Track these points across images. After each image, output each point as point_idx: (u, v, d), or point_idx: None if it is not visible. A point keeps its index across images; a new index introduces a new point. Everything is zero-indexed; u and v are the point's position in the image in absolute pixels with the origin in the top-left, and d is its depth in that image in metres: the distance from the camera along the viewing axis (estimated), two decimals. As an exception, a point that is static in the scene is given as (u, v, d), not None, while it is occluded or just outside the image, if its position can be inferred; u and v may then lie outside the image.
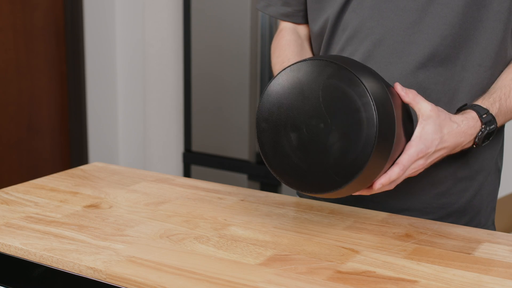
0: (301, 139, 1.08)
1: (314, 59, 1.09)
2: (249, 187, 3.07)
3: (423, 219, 1.24)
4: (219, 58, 3.08)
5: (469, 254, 1.09)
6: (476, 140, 1.18)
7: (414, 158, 1.11)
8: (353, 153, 1.04)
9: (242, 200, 1.33)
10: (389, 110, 1.07)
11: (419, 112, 1.13)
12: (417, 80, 1.24)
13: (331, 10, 1.31)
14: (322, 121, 1.06)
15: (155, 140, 3.47)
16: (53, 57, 3.43)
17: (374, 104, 1.03)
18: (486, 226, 1.37)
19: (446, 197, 1.31)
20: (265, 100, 1.12)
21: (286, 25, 1.45)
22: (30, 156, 3.39)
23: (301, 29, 1.45)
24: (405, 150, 1.11)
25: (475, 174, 1.32)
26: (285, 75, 1.10)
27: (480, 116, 1.18)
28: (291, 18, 1.43)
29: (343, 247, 1.10)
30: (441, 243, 1.13)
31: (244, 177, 3.09)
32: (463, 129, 1.16)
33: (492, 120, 1.18)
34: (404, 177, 1.13)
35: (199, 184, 1.43)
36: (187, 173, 3.29)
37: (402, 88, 1.13)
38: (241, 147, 3.08)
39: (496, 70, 1.26)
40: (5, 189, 1.37)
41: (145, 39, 3.40)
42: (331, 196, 1.09)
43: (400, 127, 1.09)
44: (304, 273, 1.00)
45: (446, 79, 1.24)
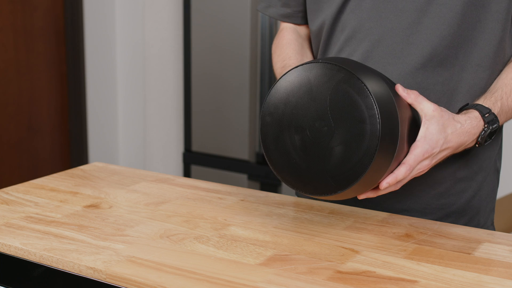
0: (303, 139, 1.08)
1: (327, 62, 1.08)
2: (249, 187, 3.07)
3: (423, 219, 1.24)
4: (219, 58, 3.08)
5: (469, 254, 1.09)
6: (479, 139, 1.18)
7: (420, 159, 1.11)
8: (351, 162, 1.04)
9: (242, 200, 1.33)
10: (394, 123, 1.06)
11: (421, 112, 1.13)
12: (416, 81, 1.24)
13: (329, 10, 1.31)
14: (326, 125, 1.06)
15: (155, 140, 3.47)
16: (53, 57, 3.43)
17: (379, 118, 1.03)
18: (486, 227, 1.37)
19: (445, 198, 1.31)
20: (273, 95, 1.11)
21: (286, 25, 1.45)
22: (30, 156, 3.39)
23: (302, 30, 1.45)
24: (411, 150, 1.11)
25: (474, 174, 1.32)
26: (296, 73, 1.10)
27: (483, 116, 1.18)
28: (291, 19, 1.44)
29: (343, 247, 1.10)
30: (441, 243, 1.13)
31: (244, 177, 3.09)
32: (467, 129, 1.16)
33: (495, 119, 1.18)
34: (410, 178, 1.13)
35: (199, 184, 1.43)
36: (187, 173, 3.29)
37: (403, 89, 1.13)
38: (241, 147, 3.08)
39: (494, 70, 1.27)
40: (5, 189, 1.37)
41: (145, 39, 3.40)
42: (327, 198, 1.10)
43: (404, 138, 1.09)
44: (304, 273, 1.00)
45: (445, 79, 1.24)
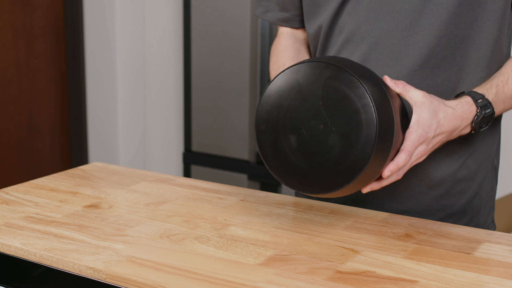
0: (300, 140, 1.08)
1: (313, 60, 1.09)
2: (249, 187, 3.08)
3: (423, 219, 1.24)
4: (219, 58, 3.08)
5: (469, 254, 1.09)
6: (473, 124, 1.18)
7: (416, 143, 1.12)
8: (353, 154, 1.04)
9: (242, 200, 1.33)
10: (388, 110, 1.07)
11: (411, 101, 1.14)
12: (414, 82, 1.24)
13: (326, 13, 1.31)
14: (321, 122, 1.07)
15: (155, 140, 3.47)
16: (53, 57, 3.43)
17: (373, 105, 1.04)
18: (486, 225, 1.37)
19: (446, 199, 1.31)
20: (264, 102, 1.12)
21: (284, 30, 1.46)
22: (30, 156, 3.39)
23: (300, 33, 1.45)
24: (406, 137, 1.12)
25: (473, 174, 1.32)
26: (284, 77, 1.10)
27: (475, 101, 1.18)
28: (289, 23, 1.44)
29: (343, 247, 1.10)
30: (441, 243, 1.13)
31: (244, 177, 3.09)
32: (459, 113, 1.16)
33: (488, 104, 1.18)
34: (410, 165, 1.14)
35: (199, 184, 1.43)
36: (187, 173, 3.29)
37: (391, 80, 1.14)
38: (241, 147, 3.08)
39: (492, 69, 1.27)
40: (5, 189, 1.37)
41: (145, 39, 3.40)
42: (332, 195, 1.10)
43: (399, 125, 1.10)
44: (304, 273, 1.00)
45: (443, 80, 1.24)
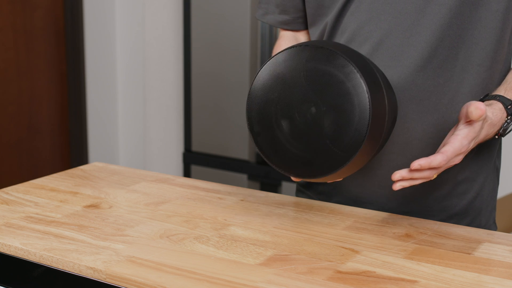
0: (296, 128, 1.08)
1: (288, 48, 1.09)
2: (249, 187, 3.07)
3: (423, 219, 1.24)
4: (219, 57, 3.08)
5: (469, 254, 1.09)
6: (501, 131, 1.18)
7: (457, 152, 1.10)
8: (352, 124, 1.04)
9: (242, 200, 1.33)
10: (373, 74, 1.06)
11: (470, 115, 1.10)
12: (416, 83, 1.23)
13: (330, 15, 1.30)
14: (312, 104, 1.07)
15: (155, 140, 3.47)
16: (53, 57, 3.43)
17: (357, 71, 1.04)
18: (488, 226, 1.37)
19: (447, 200, 1.31)
20: (252, 102, 1.12)
21: (284, 33, 1.44)
22: (30, 156, 3.39)
23: (301, 36, 1.44)
24: (450, 142, 1.10)
25: (475, 175, 1.31)
26: (264, 72, 1.11)
27: (506, 107, 1.18)
28: (290, 25, 1.42)
29: (343, 247, 1.10)
30: (441, 243, 1.13)
31: (244, 177, 3.09)
32: (494, 122, 1.16)
33: None
34: (444, 168, 1.12)
35: (199, 184, 1.43)
36: (187, 173, 3.29)
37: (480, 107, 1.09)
38: (241, 147, 3.08)
39: (495, 70, 1.26)
40: (5, 189, 1.37)
41: (145, 39, 3.40)
42: (344, 174, 1.09)
43: (388, 89, 1.09)
44: (304, 273, 1.00)
45: (446, 80, 1.24)
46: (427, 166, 1.08)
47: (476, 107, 1.07)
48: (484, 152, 1.32)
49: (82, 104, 3.49)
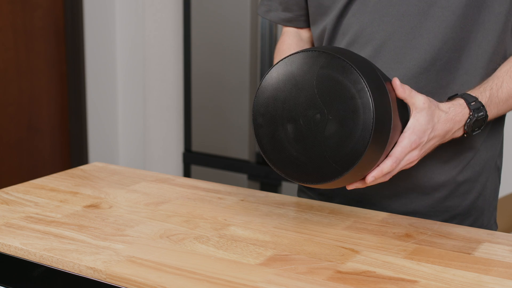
0: (298, 131, 1.08)
1: (306, 50, 1.09)
2: (249, 187, 3.07)
3: (423, 219, 1.24)
4: (219, 58, 3.08)
5: (469, 254, 1.09)
6: (466, 127, 1.18)
7: (407, 150, 1.11)
8: (351, 141, 1.04)
9: (242, 200, 1.33)
10: (384, 95, 1.06)
11: (413, 106, 1.13)
12: (419, 85, 1.23)
13: (331, 14, 1.30)
14: (318, 112, 1.07)
15: (155, 140, 3.47)
16: (53, 57, 3.43)
17: (369, 90, 1.03)
18: (489, 226, 1.37)
19: (450, 200, 1.31)
20: (260, 95, 1.12)
21: (288, 30, 1.44)
22: (30, 156, 3.39)
23: (304, 33, 1.44)
24: (398, 142, 1.11)
25: (477, 175, 1.31)
26: (278, 69, 1.11)
27: (468, 104, 1.17)
28: (293, 23, 1.42)
29: (343, 247, 1.10)
30: (441, 243, 1.13)
31: (244, 177, 3.09)
32: (451, 116, 1.16)
33: (481, 107, 1.17)
34: (398, 169, 1.13)
35: (199, 184, 1.43)
36: (187, 173, 3.29)
37: (400, 84, 1.12)
38: (241, 147, 3.08)
39: (492, 71, 1.26)
40: (5, 189, 1.37)
41: (145, 39, 3.40)
42: (333, 185, 1.09)
43: (396, 112, 1.09)
44: (304, 273, 1.00)
45: (448, 83, 1.24)
46: (380, 175, 1.10)
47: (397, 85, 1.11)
48: (486, 152, 1.32)
49: (82, 104, 3.48)
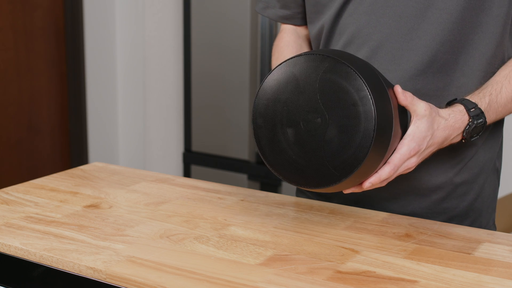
0: (298, 134, 1.08)
1: (310, 53, 1.08)
2: (249, 187, 3.07)
3: (423, 219, 1.24)
4: (219, 58, 3.08)
5: (469, 254, 1.09)
6: (464, 134, 1.17)
7: (406, 157, 1.11)
8: (351, 147, 1.04)
9: (242, 200, 1.33)
10: (387, 102, 1.06)
11: (414, 113, 1.12)
12: (415, 87, 1.23)
13: (328, 14, 1.30)
14: (319, 116, 1.06)
15: (155, 140, 3.47)
16: (53, 57, 3.43)
17: (372, 97, 1.03)
18: (487, 227, 1.36)
19: (447, 202, 1.31)
20: (261, 96, 1.11)
21: (286, 27, 1.45)
22: (30, 156, 3.39)
23: (301, 30, 1.44)
24: (397, 149, 1.11)
25: (475, 177, 1.31)
26: (280, 70, 1.10)
27: (468, 110, 1.16)
28: (290, 20, 1.42)
29: (343, 247, 1.10)
30: (441, 243, 1.13)
31: (244, 177, 3.09)
32: (450, 123, 1.15)
33: (480, 114, 1.17)
34: (396, 175, 1.12)
35: (199, 184, 1.43)
36: (187, 173, 3.29)
37: (402, 91, 1.12)
38: (241, 147, 3.08)
39: (491, 74, 1.26)
40: (5, 189, 1.37)
41: (145, 39, 3.40)
42: (331, 190, 1.09)
43: (397, 119, 1.09)
44: (304, 273, 1.00)
45: (445, 85, 1.24)
46: (378, 181, 1.10)
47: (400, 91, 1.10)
48: (484, 154, 1.31)
49: (82, 104, 3.48)
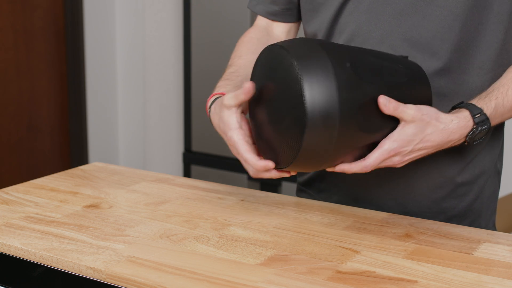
0: (270, 114, 1.13)
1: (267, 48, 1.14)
2: (249, 187, 3.07)
3: (423, 219, 1.24)
4: (219, 58, 3.08)
5: (469, 254, 1.09)
6: (467, 139, 1.16)
7: (384, 156, 1.10)
8: (296, 129, 1.06)
9: (242, 200, 1.33)
10: (344, 91, 1.05)
11: (401, 120, 1.10)
12: None
13: (327, 13, 1.29)
14: (278, 97, 1.10)
15: (155, 140, 3.47)
16: (53, 57, 3.43)
17: (303, 85, 1.04)
18: (487, 229, 1.36)
19: (446, 202, 1.31)
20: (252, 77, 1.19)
21: (258, 23, 1.44)
22: (30, 156, 3.39)
23: (277, 29, 1.43)
24: (378, 147, 1.10)
25: (475, 178, 1.31)
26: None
27: (473, 116, 1.15)
28: (278, 17, 1.41)
29: (343, 247, 1.10)
30: (441, 243, 1.13)
31: (244, 177, 3.09)
32: (452, 129, 1.13)
33: (485, 120, 1.16)
34: (373, 168, 1.12)
35: (199, 184, 1.43)
36: (187, 173, 3.29)
37: (384, 102, 1.08)
38: (241, 147, 3.08)
39: (497, 73, 1.25)
40: (5, 189, 1.37)
41: (145, 39, 3.40)
42: (306, 167, 1.12)
43: (367, 110, 1.08)
44: (304, 273, 1.00)
45: (447, 82, 1.24)
46: (348, 171, 1.11)
47: (384, 102, 1.09)
48: (485, 155, 1.31)
49: (82, 104, 3.49)
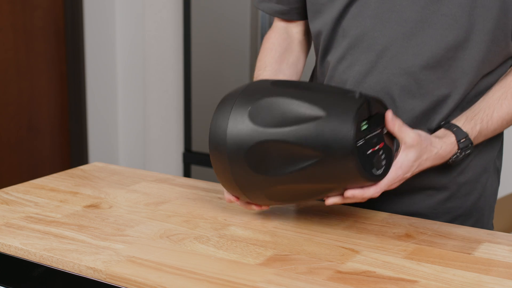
0: None
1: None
2: (249, 187, 3.07)
3: (423, 219, 1.24)
4: (219, 57, 3.08)
5: (469, 254, 1.09)
6: (450, 161, 1.23)
7: (391, 183, 1.14)
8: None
9: (242, 200, 1.33)
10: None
11: (402, 141, 1.15)
12: (420, 91, 1.23)
13: (329, 14, 1.29)
14: None
15: (155, 140, 3.47)
16: (53, 57, 3.43)
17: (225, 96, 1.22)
18: (488, 226, 1.37)
19: (452, 202, 1.31)
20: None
21: (277, 24, 1.44)
22: (30, 156, 3.39)
23: (295, 28, 1.43)
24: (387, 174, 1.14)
25: (478, 176, 1.31)
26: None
27: (458, 141, 1.21)
28: (286, 15, 1.41)
29: (343, 247, 1.10)
30: (441, 243, 1.13)
31: (244, 177, 3.08)
32: (441, 154, 1.20)
33: (469, 146, 1.22)
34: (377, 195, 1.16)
35: (199, 184, 1.43)
36: (187, 173, 3.29)
37: (392, 118, 1.14)
38: (241, 147, 3.08)
39: (497, 74, 1.26)
40: (5, 189, 1.37)
41: (145, 39, 3.40)
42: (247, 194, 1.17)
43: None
44: (304, 273, 1.00)
45: (447, 82, 1.23)
46: (359, 196, 1.12)
47: (390, 120, 1.13)
48: (486, 153, 1.31)
49: (82, 104, 3.49)
